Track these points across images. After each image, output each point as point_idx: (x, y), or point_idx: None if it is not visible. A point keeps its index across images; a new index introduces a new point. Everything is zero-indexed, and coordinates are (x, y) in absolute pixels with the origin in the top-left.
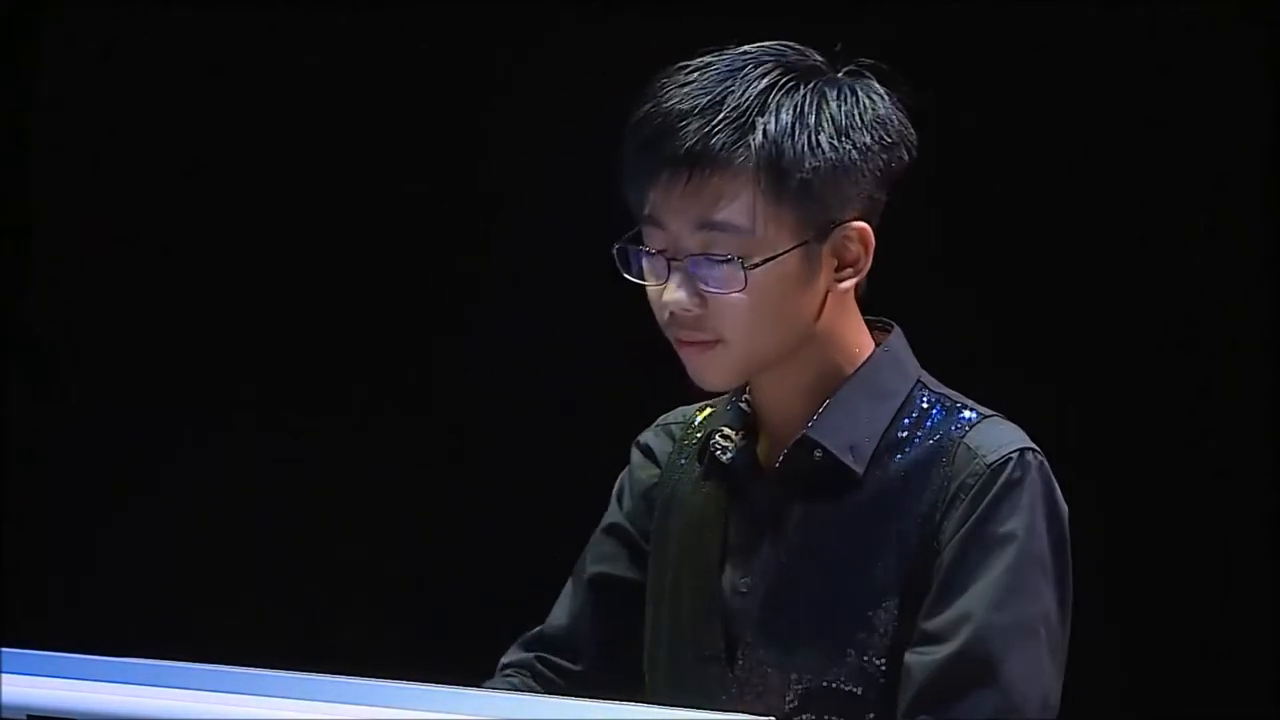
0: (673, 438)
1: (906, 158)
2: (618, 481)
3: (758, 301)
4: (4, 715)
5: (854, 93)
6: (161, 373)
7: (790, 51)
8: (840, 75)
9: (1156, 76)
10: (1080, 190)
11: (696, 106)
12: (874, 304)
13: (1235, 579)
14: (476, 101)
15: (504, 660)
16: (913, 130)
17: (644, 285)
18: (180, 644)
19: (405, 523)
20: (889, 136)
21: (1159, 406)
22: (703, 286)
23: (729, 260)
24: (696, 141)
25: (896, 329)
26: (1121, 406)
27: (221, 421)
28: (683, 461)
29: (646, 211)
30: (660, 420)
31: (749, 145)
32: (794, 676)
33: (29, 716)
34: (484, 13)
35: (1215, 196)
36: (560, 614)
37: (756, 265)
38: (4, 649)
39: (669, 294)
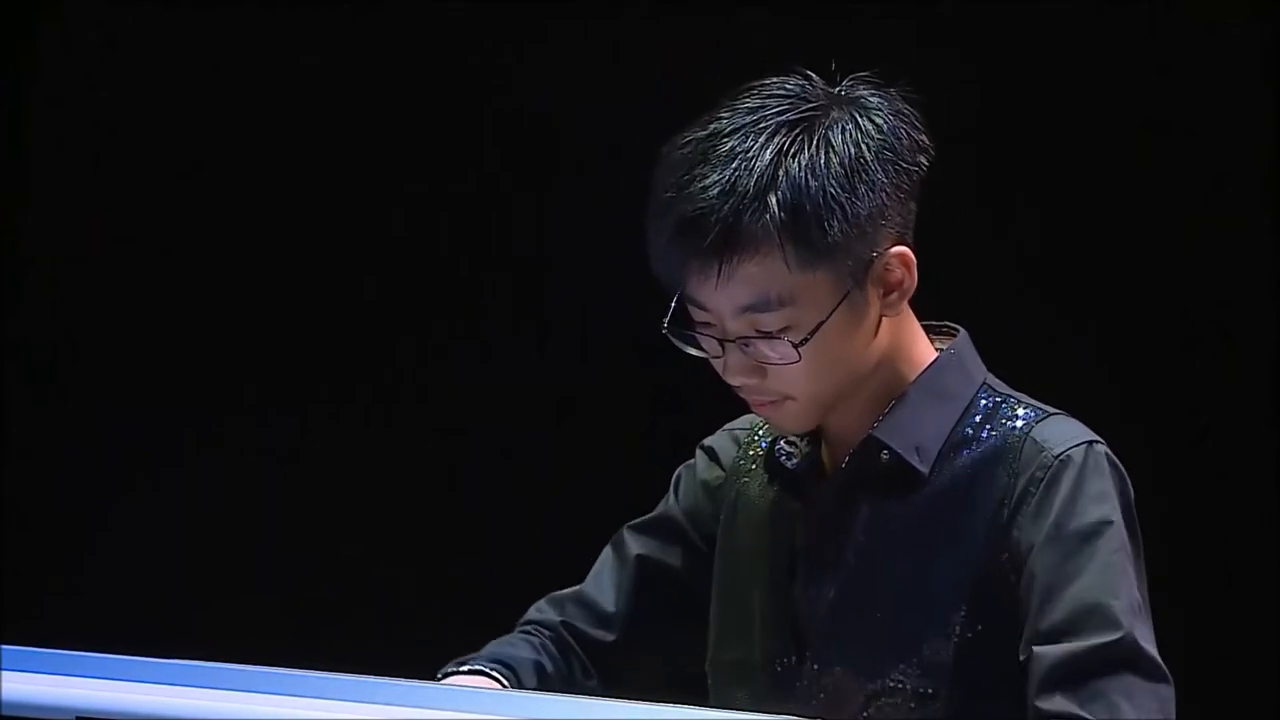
0: (737, 443)
1: (926, 162)
2: (675, 476)
3: (814, 361)
4: (51, 716)
5: (856, 125)
6: (161, 373)
7: (789, 94)
8: (840, 103)
9: (1156, 76)
10: (1078, 190)
11: (711, 191)
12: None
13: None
14: (477, 101)
15: (529, 617)
16: (924, 133)
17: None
18: (180, 644)
19: (405, 522)
20: (902, 158)
21: (1158, 406)
22: (758, 361)
23: (778, 337)
24: (718, 233)
25: (963, 333)
26: (1119, 407)
27: (222, 421)
28: (748, 465)
29: (686, 294)
30: (726, 426)
31: (769, 225)
32: (864, 678)
33: (78, 718)
34: (484, 12)
35: (1215, 196)
36: (601, 585)
37: (806, 339)
38: (58, 651)
39: (728, 371)
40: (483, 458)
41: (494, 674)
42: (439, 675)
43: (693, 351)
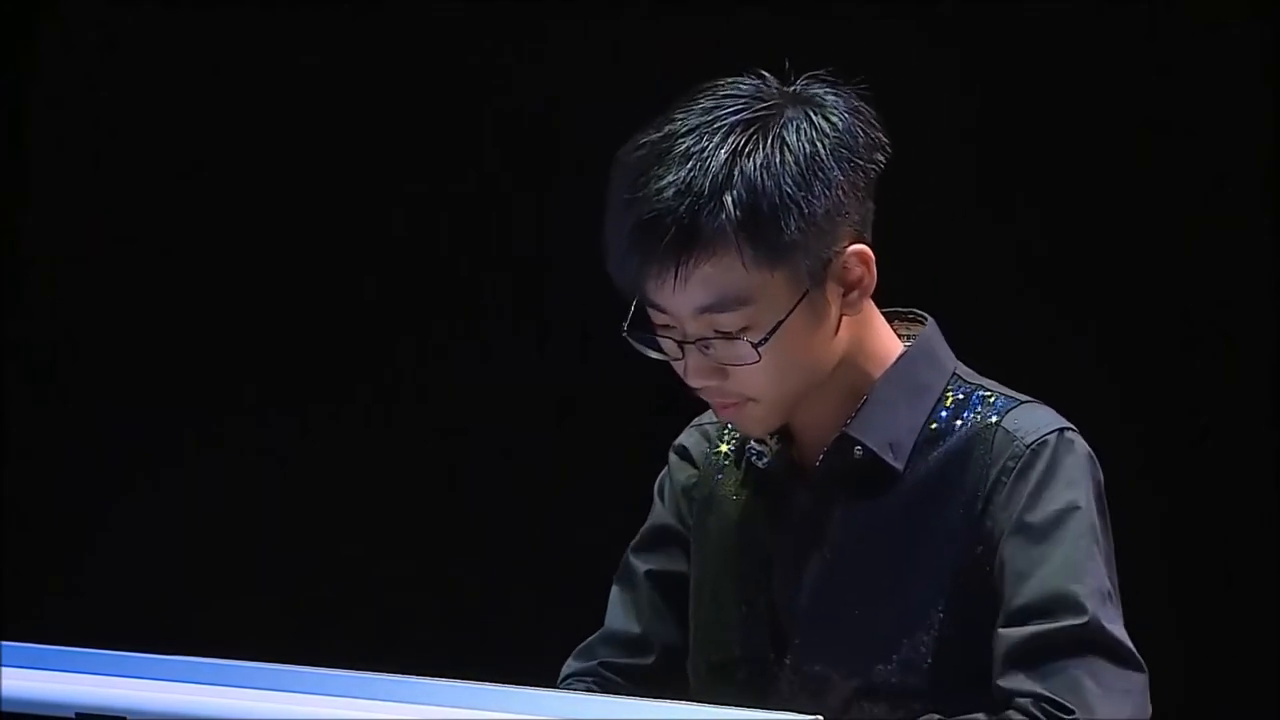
0: (708, 438)
1: (883, 160)
2: (657, 482)
3: (775, 361)
4: (52, 713)
5: (811, 123)
6: (161, 373)
7: (743, 94)
8: (795, 101)
9: (1156, 76)
10: (1078, 190)
11: (666, 192)
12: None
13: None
14: (477, 101)
15: (565, 672)
16: (879, 131)
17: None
18: (180, 644)
19: (405, 522)
20: (858, 155)
21: (1158, 406)
22: (718, 362)
23: (737, 338)
24: (675, 234)
25: (930, 322)
26: (1119, 407)
27: (222, 421)
28: (720, 461)
29: (644, 296)
30: (695, 421)
31: (725, 225)
32: (844, 674)
33: (78, 714)
34: (484, 12)
35: (1215, 196)
36: (620, 616)
37: (765, 339)
38: (53, 647)
39: (689, 373)
40: (483, 458)
41: None
42: None
43: (653, 354)
